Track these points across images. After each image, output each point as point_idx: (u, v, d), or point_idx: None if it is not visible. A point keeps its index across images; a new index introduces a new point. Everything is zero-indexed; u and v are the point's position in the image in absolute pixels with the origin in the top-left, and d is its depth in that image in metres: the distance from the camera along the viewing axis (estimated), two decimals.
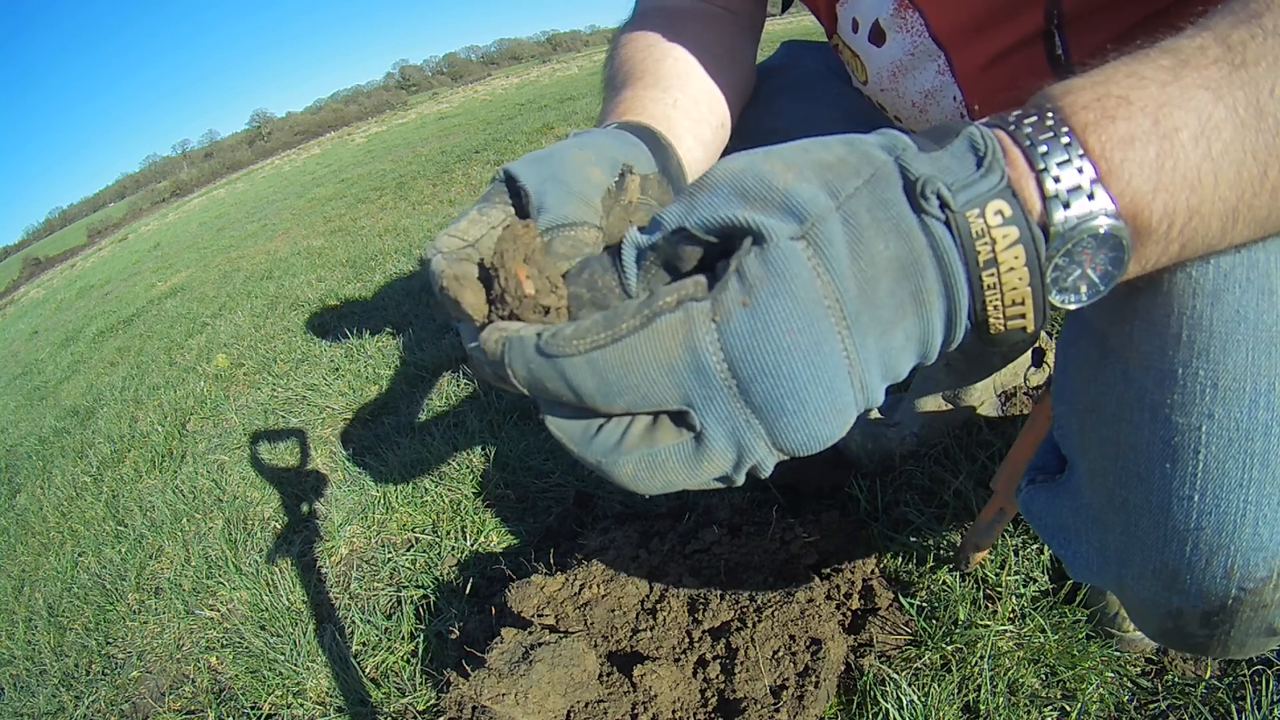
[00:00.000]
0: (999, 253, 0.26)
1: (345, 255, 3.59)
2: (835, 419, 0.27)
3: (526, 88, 14.11)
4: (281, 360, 2.38)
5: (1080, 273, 0.27)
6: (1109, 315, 0.40)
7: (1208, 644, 0.42)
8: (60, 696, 1.27)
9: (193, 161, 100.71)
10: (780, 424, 0.26)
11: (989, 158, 0.26)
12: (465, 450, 1.42)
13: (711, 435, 0.27)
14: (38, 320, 7.65)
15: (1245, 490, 0.35)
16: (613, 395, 0.26)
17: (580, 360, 0.26)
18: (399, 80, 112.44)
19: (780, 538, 0.89)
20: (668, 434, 0.27)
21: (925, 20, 0.56)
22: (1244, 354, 0.34)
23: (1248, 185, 0.27)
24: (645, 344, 0.25)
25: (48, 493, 2.17)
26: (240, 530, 1.50)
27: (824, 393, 0.26)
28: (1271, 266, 0.34)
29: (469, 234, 0.35)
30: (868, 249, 0.26)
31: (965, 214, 0.26)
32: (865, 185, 0.27)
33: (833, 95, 0.73)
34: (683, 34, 0.59)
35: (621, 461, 0.28)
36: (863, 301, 0.26)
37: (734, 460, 0.28)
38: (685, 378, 0.26)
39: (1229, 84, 0.26)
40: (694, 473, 0.28)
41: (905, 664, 0.78)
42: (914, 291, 0.27)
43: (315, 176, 9.75)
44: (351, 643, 1.07)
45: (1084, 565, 0.46)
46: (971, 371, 0.98)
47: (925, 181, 0.26)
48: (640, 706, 0.73)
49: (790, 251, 0.25)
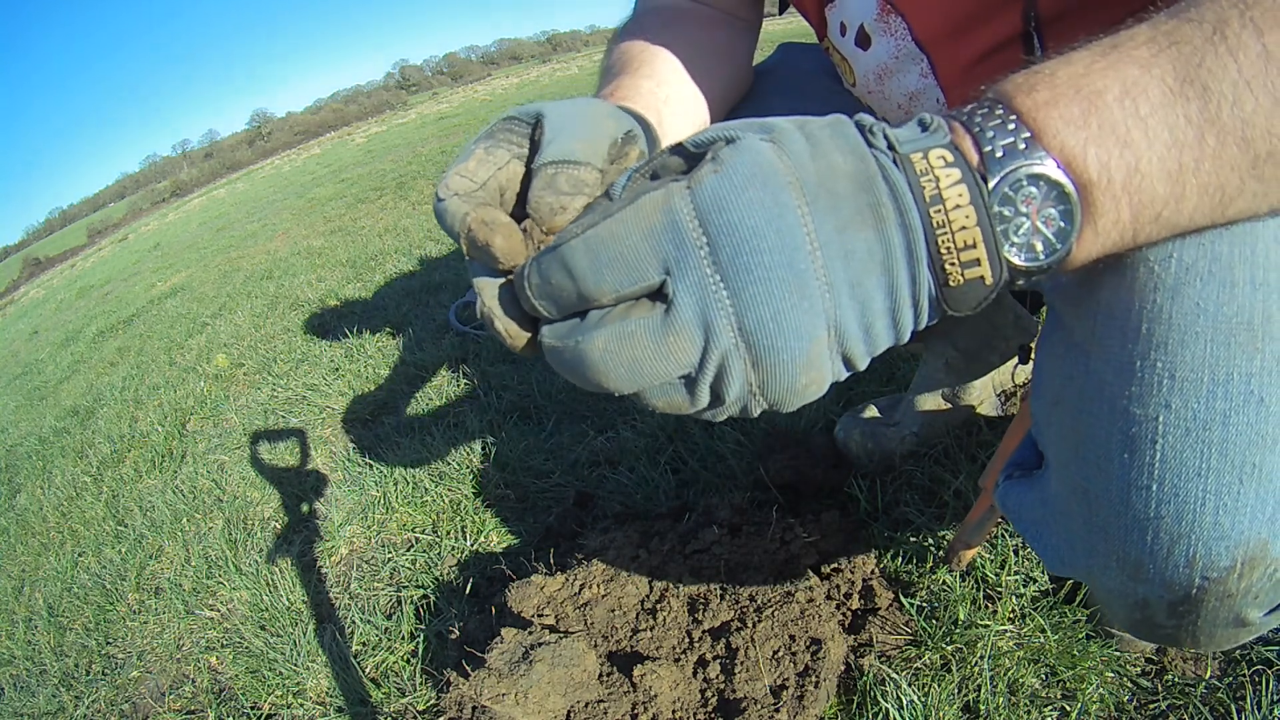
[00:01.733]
0: (944, 190, 0.28)
1: (345, 255, 3.59)
2: (798, 304, 0.28)
3: (526, 88, 14.12)
4: (281, 360, 2.38)
5: (1029, 225, 0.28)
6: (1075, 309, 0.40)
7: (1177, 635, 0.42)
8: (60, 696, 1.27)
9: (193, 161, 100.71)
10: (746, 294, 0.27)
11: (933, 125, 0.30)
12: (465, 450, 1.42)
13: (681, 303, 0.28)
14: (38, 320, 7.65)
15: (1204, 479, 0.36)
16: (601, 268, 0.28)
17: (578, 241, 0.29)
18: (399, 80, 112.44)
19: (780, 538, 0.89)
20: (642, 308, 0.29)
21: (908, 24, 0.57)
22: (1202, 346, 0.35)
23: (1186, 148, 0.27)
24: (631, 215, 0.28)
25: (48, 493, 2.17)
26: (240, 530, 1.50)
27: (784, 261, 0.27)
28: (1234, 259, 0.34)
29: (478, 175, 0.37)
30: (826, 157, 0.29)
31: (909, 155, 0.28)
32: (827, 124, 0.30)
33: (826, 95, 0.74)
34: (679, 34, 0.60)
35: (594, 336, 0.29)
36: (821, 188, 0.28)
37: (702, 339, 0.28)
38: (662, 241, 0.28)
39: (1156, 60, 0.27)
40: (660, 348, 0.29)
41: (905, 664, 0.78)
42: (871, 204, 0.28)
43: (315, 176, 9.75)
44: (351, 643, 1.07)
45: (1055, 557, 0.46)
46: (970, 370, 0.98)
47: (873, 126, 0.29)
48: (640, 706, 0.73)
49: (755, 143, 0.29)
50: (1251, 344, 0.34)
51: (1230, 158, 0.27)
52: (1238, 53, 0.26)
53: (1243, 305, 0.34)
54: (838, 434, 1.07)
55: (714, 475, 1.12)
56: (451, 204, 0.35)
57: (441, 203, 0.36)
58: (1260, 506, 0.35)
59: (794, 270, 0.27)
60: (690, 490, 1.12)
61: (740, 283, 0.27)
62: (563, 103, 0.41)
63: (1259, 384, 0.34)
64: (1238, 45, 0.26)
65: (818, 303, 0.28)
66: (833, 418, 1.16)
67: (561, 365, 0.31)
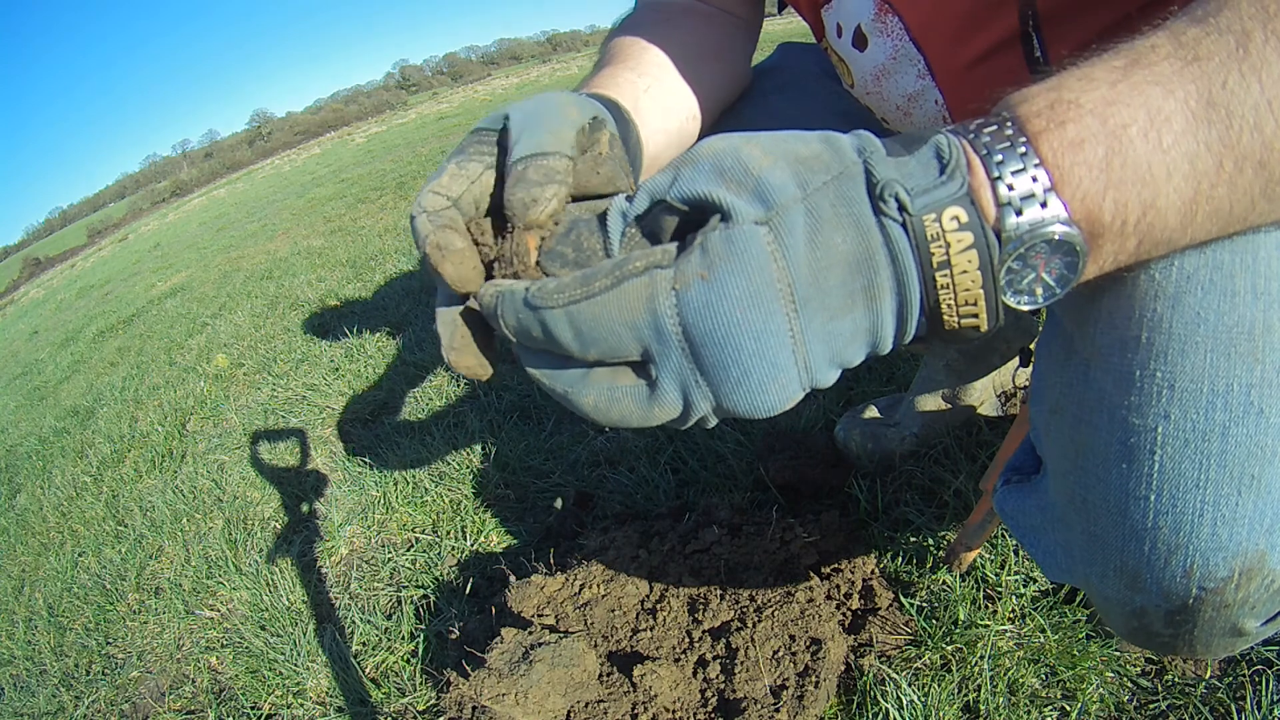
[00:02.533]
0: (953, 256, 0.28)
1: (345, 255, 3.59)
2: (777, 391, 0.30)
3: (526, 88, 14.13)
4: (281, 360, 2.38)
5: (1034, 276, 0.29)
6: (1076, 317, 0.40)
7: (1174, 643, 0.42)
8: (60, 696, 1.27)
9: (193, 161, 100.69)
10: (725, 388, 0.29)
11: (951, 165, 0.28)
12: (465, 450, 1.42)
13: (663, 386, 0.30)
14: (38, 320, 7.65)
15: (1202, 490, 0.35)
16: (585, 344, 0.30)
17: (559, 312, 0.29)
18: (399, 80, 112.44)
19: (780, 538, 0.89)
20: (627, 377, 0.31)
21: (905, 24, 0.57)
22: (1202, 356, 0.34)
23: (1204, 176, 0.27)
24: (614, 301, 0.29)
25: (48, 493, 2.17)
26: (240, 530, 1.50)
27: (767, 366, 0.29)
28: (1236, 268, 0.34)
29: (451, 190, 0.37)
30: (825, 240, 0.28)
31: (922, 218, 0.28)
32: (832, 181, 0.29)
33: (826, 95, 0.74)
34: (672, 30, 0.61)
35: (585, 392, 0.31)
36: (813, 288, 0.28)
37: (681, 410, 0.31)
38: (645, 334, 0.29)
39: (1180, 78, 0.27)
40: (646, 414, 0.31)
41: (905, 664, 0.78)
42: (865, 285, 0.29)
43: (315, 176, 9.75)
44: (351, 643, 1.07)
45: (1052, 564, 0.46)
46: (970, 371, 0.98)
47: (885, 185, 0.28)
48: (640, 706, 0.73)
49: (752, 234, 0.28)
50: (1252, 354, 0.34)
51: (1245, 183, 0.27)
52: (1261, 71, 0.26)
53: (1243, 315, 0.34)
54: (838, 434, 1.07)
55: (714, 475, 1.12)
56: (419, 223, 0.36)
57: (414, 220, 0.37)
58: (1258, 518, 0.35)
59: (774, 367, 0.29)
60: (690, 490, 1.12)
61: (719, 378, 0.29)
62: (527, 101, 0.41)
63: (1259, 395, 0.34)
64: (1261, 63, 0.26)
65: (795, 381, 0.30)
66: (833, 418, 1.16)
67: (548, 394, 0.33)
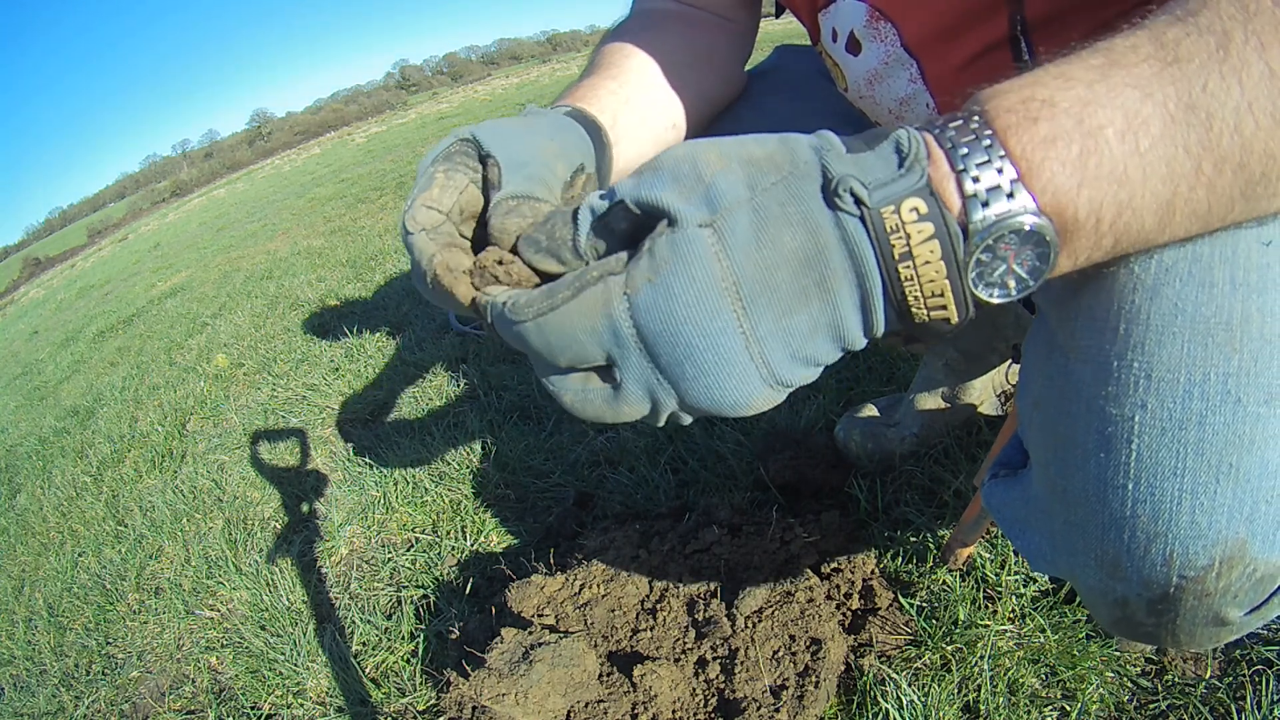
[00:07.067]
0: (914, 247, 0.28)
1: (345, 255, 3.59)
2: (735, 387, 0.31)
3: (526, 88, 14.13)
4: (281, 360, 2.38)
5: (1005, 268, 0.29)
6: (1057, 311, 0.40)
7: (1156, 633, 0.42)
8: (60, 696, 1.27)
9: (193, 161, 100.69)
10: (684, 385, 0.31)
11: (910, 158, 0.28)
12: (465, 450, 1.42)
13: (627, 387, 0.32)
14: (38, 320, 7.65)
15: (1180, 479, 0.35)
16: (556, 352, 0.32)
17: (531, 325, 0.31)
18: (399, 80, 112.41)
19: (780, 538, 0.89)
20: (596, 380, 0.33)
21: (898, 30, 0.58)
22: (1179, 346, 0.35)
23: (1182, 179, 0.27)
24: (575, 310, 0.30)
25: (48, 493, 2.17)
26: (240, 530, 1.50)
27: (720, 362, 0.30)
28: (1214, 259, 0.34)
29: (442, 203, 0.39)
30: (772, 238, 0.29)
31: (880, 210, 0.28)
32: (782, 180, 0.29)
33: (822, 97, 0.74)
34: (658, 36, 0.62)
35: (562, 391, 0.34)
36: (760, 285, 0.29)
37: (649, 408, 0.32)
38: (605, 339, 0.30)
39: (1159, 80, 0.27)
40: (616, 414, 0.33)
41: (905, 664, 0.78)
42: (818, 280, 0.29)
43: (315, 176, 9.75)
44: (351, 643, 1.07)
45: (1038, 555, 0.46)
46: (970, 370, 0.98)
47: (840, 180, 0.28)
48: (640, 706, 0.73)
49: (695, 237, 0.29)
50: (1229, 344, 0.34)
51: (1225, 184, 0.27)
52: (1241, 72, 0.26)
53: (1221, 305, 0.34)
54: (838, 434, 1.07)
55: (714, 475, 1.12)
56: (419, 241, 0.37)
57: (410, 236, 0.38)
58: (1237, 506, 0.35)
59: (728, 364, 0.30)
60: (690, 490, 1.12)
61: (676, 376, 0.30)
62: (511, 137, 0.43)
63: (1236, 384, 0.34)
64: (1241, 64, 0.26)
65: (754, 377, 0.30)
66: (833, 418, 1.16)
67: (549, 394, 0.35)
